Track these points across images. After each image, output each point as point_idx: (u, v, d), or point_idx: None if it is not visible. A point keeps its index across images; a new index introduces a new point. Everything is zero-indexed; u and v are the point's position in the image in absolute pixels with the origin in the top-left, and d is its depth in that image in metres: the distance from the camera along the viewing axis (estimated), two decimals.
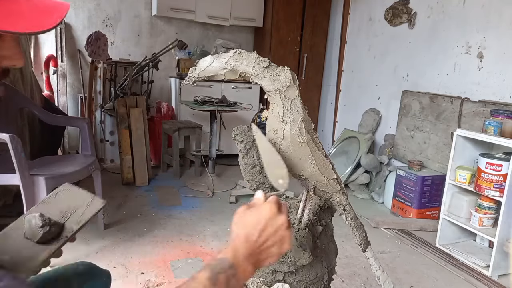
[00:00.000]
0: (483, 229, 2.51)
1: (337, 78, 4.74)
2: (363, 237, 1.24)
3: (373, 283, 2.23)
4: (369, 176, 3.86)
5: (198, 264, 2.32)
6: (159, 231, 2.72)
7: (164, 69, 4.47)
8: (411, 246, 2.77)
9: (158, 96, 4.59)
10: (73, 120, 3.27)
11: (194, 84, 1.00)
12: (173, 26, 4.60)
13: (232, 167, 4.34)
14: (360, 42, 4.38)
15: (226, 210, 3.20)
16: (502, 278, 2.39)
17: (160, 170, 4.14)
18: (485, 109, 2.89)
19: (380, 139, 4.08)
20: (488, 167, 2.41)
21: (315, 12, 4.73)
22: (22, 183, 2.07)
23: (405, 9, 3.71)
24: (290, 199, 1.25)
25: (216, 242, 2.62)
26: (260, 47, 4.81)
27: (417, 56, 3.61)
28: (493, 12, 2.94)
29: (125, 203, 3.18)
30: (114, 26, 4.33)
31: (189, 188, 3.65)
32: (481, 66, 3.03)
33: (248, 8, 4.63)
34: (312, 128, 1.03)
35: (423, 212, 3.20)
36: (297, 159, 1.02)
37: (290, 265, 1.13)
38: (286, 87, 0.96)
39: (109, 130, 4.27)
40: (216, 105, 3.61)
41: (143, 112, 3.72)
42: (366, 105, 4.23)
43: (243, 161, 1.26)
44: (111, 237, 2.57)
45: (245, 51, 0.96)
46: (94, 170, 2.53)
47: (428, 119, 3.41)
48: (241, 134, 1.22)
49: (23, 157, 2.07)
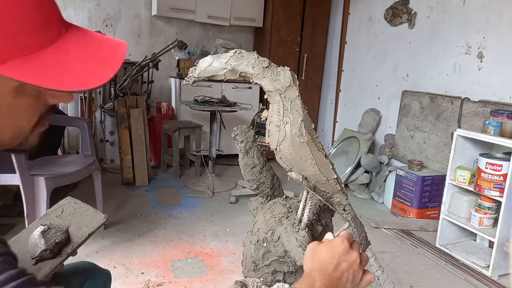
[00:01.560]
0: (483, 229, 2.51)
1: (337, 78, 4.74)
2: (363, 237, 1.24)
3: (373, 283, 2.23)
4: (369, 176, 3.86)
5: (198, 264, 2.32)
6: (159, 231, 2.72)
7: (164, 69, 4.47)
8: (411, 246, 2.77)
9: (158, 96, 4.59)
10: (73, 120, 3.28)
11: (194, 84, 1.00)
12: (173, 26, 4.60)
13: (232, 167, 4.34)
14: (360, 42, 4.38)
15: (226, 210, 3.20)
16: (502, 278, 2.39)
17: (160, 170, 4.14)
18: (485, 109, 2.89)
19: (380, 139, 4.08)
20: (488, 167, 2.41)
21: (315, 12, 4.72)
22: (22, 183, 2.07)
23: (405, 9, 3.71)
24: (290, 199, 1.25)
25: (216, 242, 2.62)
26: (260, 47, 4.81)
27: (417, 56, 3.61)
28: (493, 12, 2.94)
29: (125, 203, 3.18)
30: (114, 26, 4.33)
31: (189, 188, 3.65)
32: (481, 66, 3.03)
33: (248, 8, 4.63)
34: (312, 128, 1.03)
35: (423, 212, 3.20)
36: (297, 159, 1.02)
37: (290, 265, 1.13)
38: (286, 87, 0.96)
39: (109, 130, 4.26)
40: (216, 105, 3.61)
41: (143, 112, 3.72)
42: (366, 105, 4.23)
43: (243, 161, 1.26)
44: (111, 237, 2.57)
45: (245, 51, 0.96)
46: (94, 170, 2.53)
47: (428, 119, 3.41)
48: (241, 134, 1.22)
49: (23, 157, 2.07)
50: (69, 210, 0.99)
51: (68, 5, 4.12)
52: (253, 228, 1.20)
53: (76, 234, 0.93)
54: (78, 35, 0.57)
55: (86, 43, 0.57)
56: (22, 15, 0.50)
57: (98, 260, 2.19)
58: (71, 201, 1.01)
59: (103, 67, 0.55)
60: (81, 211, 0.99)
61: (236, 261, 2.37)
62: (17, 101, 0.54)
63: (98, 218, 0.98)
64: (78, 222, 0.96)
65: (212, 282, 2.15)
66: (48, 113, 0.60)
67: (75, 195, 1.08)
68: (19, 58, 0.50)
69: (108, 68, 0.56)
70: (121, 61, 0.58)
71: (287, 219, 1.10)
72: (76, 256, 1.02)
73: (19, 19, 0.49)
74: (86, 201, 1.06)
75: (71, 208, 0.99)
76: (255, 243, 1.15)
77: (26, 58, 0.50)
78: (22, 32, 0.50)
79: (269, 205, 1.20)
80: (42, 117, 0.59)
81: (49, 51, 0.52)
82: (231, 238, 2.69)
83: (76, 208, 0.99)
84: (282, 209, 1.14)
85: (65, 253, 0.90)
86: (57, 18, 0.55)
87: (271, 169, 1.31)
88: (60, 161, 2.57)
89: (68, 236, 0.92)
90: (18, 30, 0.49)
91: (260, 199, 1.33)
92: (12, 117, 0.55)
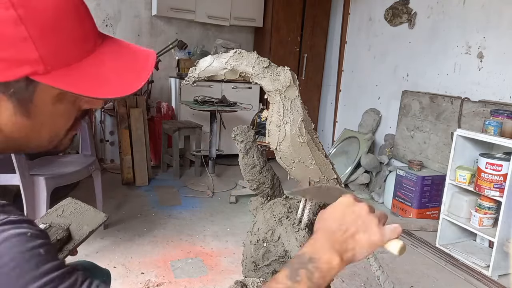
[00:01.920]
0: (483, 229, 2.51)
1: (337, 78, 4.74)
2: None
3: (373, 283, 2.23)
4: (369, 176, 3.86)
5: (198, 264, 2.32)
6: (159, 231, 2.72)
7: (164, 69, 4.47)
8: (411, 246, 2.77)
9: (158, 96, 4.58)
10: None
11: (194, 84, 1.01)
12: (173, 26, 4.60)
13: (232, 167, 4.34)
14: (360, 42, 4.37)
15: (226, 210, 3.20)
16: (502, 278, 2.39)
17: (160, 170, 4.14)
18: (485, 109, 2.89)
19: (380, 139, 4.08)
20: (488, 167, 2.41)
21: (315, 12, 4.72)
22: (22, 183, 2.07)
23: (405, 9, 3.71)
24: (290, 199, 1.25)
25: (216, 242, 2.62)
26: (260, 47, 4.81)
27: (417, 56, 3.61)
28: (493, 12, 2.94)
29: (125, 203, 3.18)
30: (114, 26, 4.33)
31: (189, 188, 3.65)
32: (481, 66, 3.03)
33: (248, 8, 4.62)
34: (312, 128, 1.03)
35: (423, 212, 3.20)
36: (297, 159, 1.02)
37: None
38: (286, 87, 0.96)
39: (109, 130, 4.27)
40: (216, 105, 3.61)
41: (143, 112, 3.72)
42: (366, 105, 4.23)
43: (243, 161, 1.26)
44: (111, 237, 2.57)
45: (245, 51, 0.96)
46: (94, 170, 2.53)
47: (428, 119, 3.41)
48: (241, 134, 1.22)
49: (23, 157, 2.07)
50: (70, 210, 1.00)
51: None
52: (253, 228, 1.20)
53: (77, 232, 0.95)
54: (113, 46, 0.63)
55: (120, 53, 0.63)
56: (68, 29, 0.55)
57: (98, 260, 2.19)
58: (71, 202, 1.03)
59: (135, 75, 0.61)
60: (82, 211, 1.00)
61: (236, 261, 2.37)
62: (56, 107, 0.59)
63: (98, 217, 0.99)
64: (79, 221, 0.97)
65: (212, 282, 2.15)
66: (81, 117, 0.65)
67: (75, 195, 1.08)
68: (61, 69, 0.55)
69: (139, 77, 0.61)
70: (151, 70, 0.63)
71: (287, 219, 1.10)
72: (76, 256, 1.02)
73: (66, 32, 0.55)
74: (86, 201, 1.07)
75: (72, 208, 1.01)
76: (255, 243, 1.15)
77: (68, 69, 0.55)
78: (66, 45, 0.55)
79: (269, 205, 1.20)
80: (76, 121, 0.64)
81: (87, 62, 0.57)
82: (231, 238, 2.69)
83: (76, 208, 1.01)
84: (282, 209, 1.14)
85: (67, 250, 0.91)
86: (93, 30, 0.61)
87: (271, 169, 1.31)
88: (60, 161, 2.57)
89: (69, 233, 0.94)
90: (63, 43, 0.55)
91: (260, 199, 1.33)
92: (51, 122, 0.60)
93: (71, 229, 0.95)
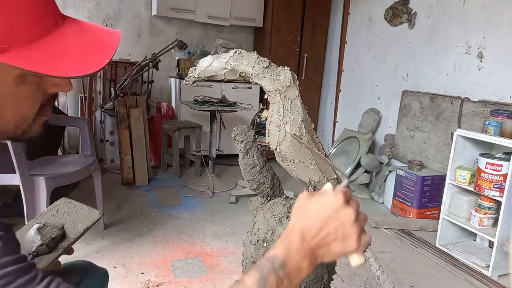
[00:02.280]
0: (483, 229, 2.51)
1: (337, 78, 4.74)
2: None
3: (373, 283, 2.23)
4: (369, 176, 3.86)
5: (198, 264, 2.32)
6: (159, 231, 2.72)
7: (164, 69, 4.47)
8: (411, 246, 2.77)
9: (158, 96, 4.59)
10: (73, 120, 3.28)
11: (194, 84, 1.01)
12: (173, 26, 4.60)
13: (232, 167, 4.34)
14: (360, 42, 4.38)
15: (226, 210, 3.20)
16: (502, 278, 2.39)
17: (160, 170, 4.14)
18: (485, 109, 2.89)
19: (380, 139, 4.08)
20: (488, 167, 2.41)
21: (315, 12, 4.72)
22: (22, 183, 2.07)
23: (405, 9, 3.71)
24: (290, 199, 1.25)
25: (216, 242, 2.62)
26: (260, 47, 4.81)
27: (417, 56, 3.61)
28: (493, 12, 2.94)
29: (125, 203, 3.18)
30: (114, 26, 4.33)
31: (189, 188, 3.65)
32: (481, 66, 3.03)
33: (248, 8, 4.63)
34: (312, 128, 1.03)
35: (423, 212, 3.20)
36: (297, 159, 1.02)
37: None
38: (286, 87, 0.96)
39: (109, 130, 4.27)
40: (216, 105, 3.61)
41: (143, 112, 3.72)
42: (366, 105, 4.23)
43: (243, 161, 1.26)
44: (111, 237, 2.57)
45: (245, 51, 0.96)
46: (94, 170, 2.53)
47: (428, 119, 3.41)
48: (241, 134, 1.22)
49: (23, 157, 2.07)
50: (64, 209, 1.01)
51: (68, 5, 4.12)
52: (253, 228, 1.20)
53: (72, 230, 0.95)
54: (74, 25, 0.60)
55: (83, 32, 0.60)
56: (24, 5, 0.52)
57: (98, 260, 2.19)
58: (65, 201, 1.03)
59: (99, 54, 0.58)
60: (76, 210, 1.01)
61: (236, 261, 2.37)
62: (19, 89, 0.56)
63: (93, 214, 1.00)
64: (73, 219, 0.98)
65: (212, 282, 2.15)
66: (48, 102, 0.63)
67: (75, 195, 1.09)
68: (21, 47, 0.52)
69: (103, 55, 0.58)
70: (115, 48, 0.60)
71: (287, 219, 1.10)
72: (76, 256, 1.02)
73: (22, 9, 0.52)
74: (86, 201, 1.07)
75: (66, 207, 1.01)
76: (255, 243, 1.15)
77: (27, 47, 0.53)
78: (24, 22, 0.53)
79: (269, 205, 1.20)
80: (43, 106, 0.62)
81: (47, 40, 0.55)
82: (231, 238, 2.69)
83: (71, 207, 1.01)
84: (282, 209, 1.14)
85: (61, 248, 0.91)
86: (54, 9, 0.58)
87: (271, 169, 1.31)
88: (60, 161, 2.57)
89: (64, 232, 0.94)
90: (20, 20, 0.52)
91: (260, 199, 1.33)
92: (15, 105, 0.58)
93: (66, 228, 0.95)
